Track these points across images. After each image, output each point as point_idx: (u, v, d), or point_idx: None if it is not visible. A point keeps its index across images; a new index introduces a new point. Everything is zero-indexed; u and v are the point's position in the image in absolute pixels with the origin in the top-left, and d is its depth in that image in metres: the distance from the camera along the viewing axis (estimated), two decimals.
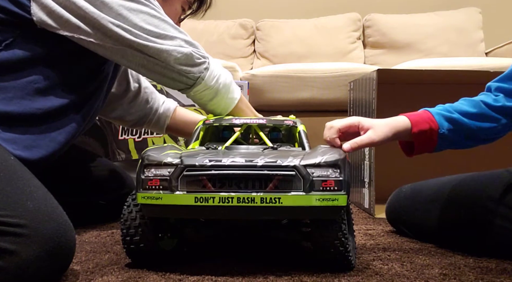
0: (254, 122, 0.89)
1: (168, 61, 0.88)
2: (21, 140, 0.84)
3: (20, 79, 0.85)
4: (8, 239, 0.64)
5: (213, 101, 0.96)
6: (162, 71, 0.90)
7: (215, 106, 0.98)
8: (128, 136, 1.57)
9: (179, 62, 0.89)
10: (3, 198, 0.67)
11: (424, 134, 0.87)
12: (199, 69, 0.92)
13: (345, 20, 2.91)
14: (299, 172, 0.70)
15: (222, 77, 0.96)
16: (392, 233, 1.10)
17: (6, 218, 0.65)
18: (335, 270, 0.77)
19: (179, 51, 0.89)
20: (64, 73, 0.90)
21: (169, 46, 0.88)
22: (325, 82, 2.13)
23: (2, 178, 0.70)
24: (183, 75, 0.91)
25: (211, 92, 0.95)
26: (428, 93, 1.57)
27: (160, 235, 0.81)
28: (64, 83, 0.90)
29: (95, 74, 0.96)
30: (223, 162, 0.71)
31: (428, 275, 0.77)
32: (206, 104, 0.97)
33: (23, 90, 0.85)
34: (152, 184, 0.72)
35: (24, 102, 0.85)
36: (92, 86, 0.96)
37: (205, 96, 0.95)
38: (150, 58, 0.88)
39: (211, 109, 0.99)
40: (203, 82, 0.92)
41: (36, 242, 0.65)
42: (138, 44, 0.87)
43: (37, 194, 0.71)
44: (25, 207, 0.67)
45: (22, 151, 0.84)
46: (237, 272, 0.76)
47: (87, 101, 0.96)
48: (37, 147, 0.86)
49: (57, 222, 0.69)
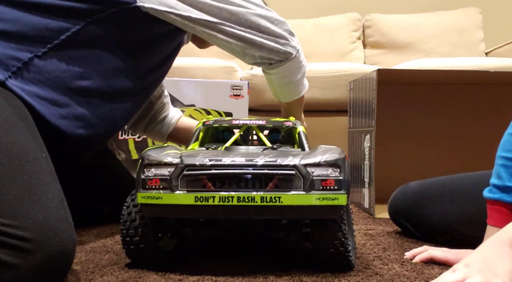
0: (253, 124, 0.89)
1: (276, 25, 1.00)
2: (88, 118, 0.89)
3: (100, 56, 0.89)
4: (9, 252, 0.63)
5: (294, 81, 1.07)
6: (269, 39, 0.99)
7: (294, 87, 1.09)
8: (128, 136, 1.57)
9: (285, 28, 1.01)
10: (17, 206, 0.66)
11: None
12: (296, 41, 1.03)
13: (345, 20, 2.91)
14: (299, 171, 0.70)
15: (305, 61, 1.07)
16: (392, 233, 1.10)
17: (13, 229, 0.64)
18: (335, 270, 0.77)
19: (282, 19, 1.00)
20: (136, 59, 0.94)
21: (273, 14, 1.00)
22: (325, 82, 2.13)
23: (24, 180, 0.69)
24: (287, 42, 1.01)
25: (297, 73, 1.05)
26: (428, 93, 1.57)
27: (160, 235, 0.81)
28: (134, 69, 0.94)
29: (159, 67, 1.00)
30: (223, 162, 0.71)
31: (428, 275, 0.77)
32: (285, 85, 1.08)
33: (100, 66, 0.89)
34: (152, 184, 0.72)
35: (99, 79, 0.90)
36: (153, 77, 1.01)
37: (293, 74, 1.05)
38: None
39: (286, 90, 1.10)
40: (297, 56, 1.02)
41: (37, 258, 0.64)
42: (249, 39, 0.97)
43: (52, 203, 0.70)
44: (35, 219, 0.66)
45: (85, 129, 0.89)
46: (237, 272, 0.76)
47: (145, 90, 1.02)
48: (100, 126, 0.91)
49: (61, 238, 0.68)
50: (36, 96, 0.84)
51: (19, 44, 0.84)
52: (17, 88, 0.82)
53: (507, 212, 0.75)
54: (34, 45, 0.85)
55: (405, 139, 1.50)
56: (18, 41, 0.84)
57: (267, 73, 1.05)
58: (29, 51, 0.84)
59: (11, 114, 0.77)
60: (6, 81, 0.81)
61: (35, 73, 0.84)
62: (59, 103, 0.86)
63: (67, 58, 0.87)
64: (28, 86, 0.83)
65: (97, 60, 0.89)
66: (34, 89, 0.84)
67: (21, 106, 0.81)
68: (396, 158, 1.17)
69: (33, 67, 0.84)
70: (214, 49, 1.17)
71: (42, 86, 0.84)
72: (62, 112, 0.87)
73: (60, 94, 0.86)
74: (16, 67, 0.83)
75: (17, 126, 0.76)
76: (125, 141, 1.56)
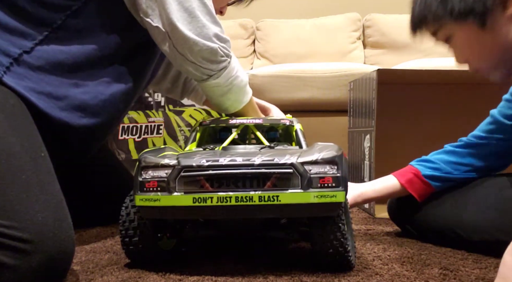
0: (251, 122, 0.89)
1: (192, 51, 0.89)
2: (89, 106, 0.89)
3: (87, 44, 0.89)
4: (8, 253, 0.63)
5: (222, 98, 0.98)
6: (182, 57, 0.91)
7: (221, 103, 0.99)
8: (128, 136, 1.57)
9: (202, 56, 0.90)
10: (15, 207, 0.66)
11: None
12: (218, 66, 0.92)
13: (345, 20, 2.91)
14: (296, 169, 0.70)
15: (238, 79, 0.96)
16: (392, 233, 1.10)
17: (12, 230, 0.64)
18: (335, 270, 0.77)
19: (206, 45, 0.89)
20: (123, 39, 0.93)
21: (197, 38, 0.88)
22: (325, 82, 2.12)
23: (23, 180, 0.69)
24: (200, 67, 0.91)
25: (222, 90, 0.96)
26: (428, 93, 1.57)
27: (159, 236, 0.81)
28: (123, 49, 0.93)
29: (149, 44, 0.98)
30: (220, 162, 0.70)
31: (428, 275, 0.77)
32: (214, 99, 0.99)
33: (89, 55, 0.89)
34: (150, 186, 0.71)
35: (91, 67, 0.89)
36: (145, 55, 0.99)
37: (216, 91, 0.96)
38: (176, 42, 0.89)
39: (217, 103, 1.00)
40: (217, 79, 0.93)
41: (35, 259, 0.64)
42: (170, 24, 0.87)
43: (50, 204, 0.70)
44: (33, 220, 0.66)
45: (88, 118, 0.89)
46: (237, 272, 0.76)
47: (142, 70, 1.00)
48: (102, 114, 0.92)
49: (60, 238, 0.68)
50: (33, 91, 0.83)
51: (8, 39, 0.83)
52: (13, 84, 0.81)
53: (413, 175, 1.01)
54: (22, 41, 0.84)
55: (405, 139, 1.49)
56: (6, 37, 0.83)
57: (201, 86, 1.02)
58: (18, 47, 0.84)
59: (10, 113, 0.77)
60: (3, 78, 0.81)
61: (26, 69, 0.84)
62: (56, 96, 0.86)
63: (55, 52, 0.86)
64: (23, 82, 0.83)
65: (86, 49, 0.89)
66: (29, 84, 0.83)
67: (19, 103, 0.81)
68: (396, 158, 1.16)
69: (23, 63, 0.84)
70: None
71: (35, 80, 0.84)
72: (61, 105, 0.86)
73: (55, 87, 0.86)
74: (8, 63, 0.82)
75: (15, 125, 0.76)
76: (125, 141, 1.56)
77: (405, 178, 1.02)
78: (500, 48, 0.79)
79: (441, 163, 1.01)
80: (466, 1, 0.78)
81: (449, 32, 0.83)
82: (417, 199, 1.01)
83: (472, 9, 0.77)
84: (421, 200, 1.01)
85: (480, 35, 0.79)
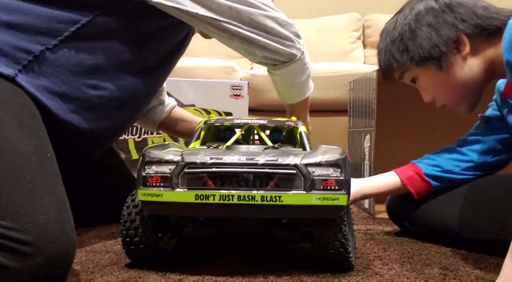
0: (255, 123, 0.89)
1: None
2: (98, 111, 0.90)
3: (108, 48, 0.90)
4: (8, 256, 0.62)
5: (295, 85, 1.06)
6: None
7: (292, 90, 1.08)
8: (128, 136, 1.57)
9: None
10: (18, 208, 0.66)
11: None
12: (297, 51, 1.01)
13: (345, 20, 2.91)
14: (300, 171, 0.70)
15: (310, 68, 1.07)
16: (392, 233, 1.10)
17: (14, 232, 0.63)
18: (335, 270, 0.77)
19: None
20: (143, 50, 0.95)
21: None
22: (325, 82, 2.13)
23: (27, 181, 0.69)
24: None
25: (303, 72, 1.05)
26: None
27: (160, 235, 0.81)
28: (141, 60, 0.95)
29: (166, 60, 1.01)
30: (224, 160, 0.70)
31: (428, 275, 0.77)
32: (287, 85, 1.07)
33: (108, 59, 0.90)
34: (152, 181, 0.71)
35: (108, 72, 0.90)
36: (160, 70, 1.02)
37: (295, 76, 1.04)
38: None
39: (287, 91, 1.09)
40: (301, 60, 1.02)
41: (36, 262, 0.64)
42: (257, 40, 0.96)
43: (54, 206, 0.70)
44: (36, 222, 0.65)
45: (95, 122, 0.90)
46: (237, 272, 0.76)
47: (152, 84, 1.03)
48: (109, 119, 0.93)
49: (61, 241, 0.67)
50: (46, 91, 0.84)
51: (29, 37, 0.83)
52: (26, 83, 0.81)
53: (414, 173, 1.03)
54: (45, 38, 0.84)
55: (405, 139, 1.49)
56: (28, 34, 0.83)
57: (272, 73, 1.05)
58: (40, 44, 0.84)
59: (18, 113, 0.77)
60: (16, 77, 0.81)
61: (46, 66, 0.84)
62: (69, 97, 0.86)
63: (77, 51, 0.87)
64: (38, 80, 0.83)
65: (106, 53, 0.89)
66: (44, 83, 0.83)
67: (29, 103, 0.81)
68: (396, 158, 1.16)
69: (44, 61, 0.84)
70: (214, 48, 1.17)
71: (53, 79, 0.84)
72: (72, 107, 0.87)
73: (70, 87, 0.86)
74: (27, 61, 0.82)
75: (24, 125, 0.76)
76: (125, 140, 1.56)
77: (406, 175, 1.03)
78: (461, 85, 0.88)
79: (441, 160, 1.02)
80: (423, 49, 0.88)
81: (414, 75, 0.94)
82: (415, 196, 1.02)
83: (430, 54, 0.88)
84: (418, 198, 1.02)
85: (441, 75, 0.89)
